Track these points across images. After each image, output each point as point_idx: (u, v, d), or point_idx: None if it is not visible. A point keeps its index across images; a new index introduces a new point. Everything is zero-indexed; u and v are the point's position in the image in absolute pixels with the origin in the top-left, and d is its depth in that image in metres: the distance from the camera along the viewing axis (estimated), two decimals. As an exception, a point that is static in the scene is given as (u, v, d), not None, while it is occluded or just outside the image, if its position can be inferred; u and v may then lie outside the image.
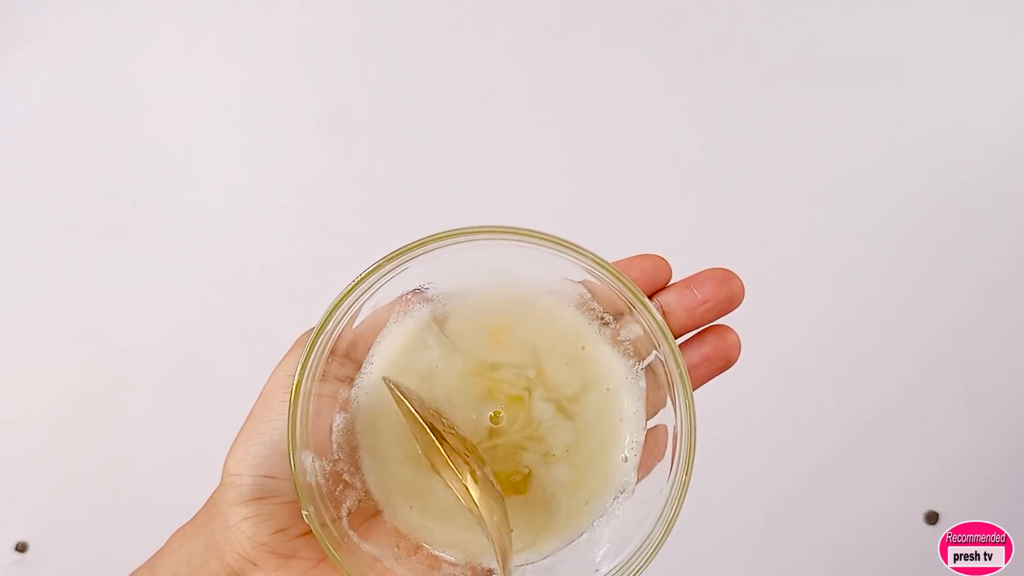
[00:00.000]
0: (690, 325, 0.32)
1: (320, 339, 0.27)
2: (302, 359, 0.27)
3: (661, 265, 0.32)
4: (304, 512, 0.26)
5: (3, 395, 0.65)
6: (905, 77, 0.67)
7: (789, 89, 0.67)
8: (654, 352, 0.30)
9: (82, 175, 0.66)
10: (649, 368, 0.31)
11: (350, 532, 0.28)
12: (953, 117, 0.67)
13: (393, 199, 0.66)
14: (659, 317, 0.28)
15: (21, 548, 0.63)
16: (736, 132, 0.67)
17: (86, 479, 0.64)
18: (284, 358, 0.30)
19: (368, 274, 0.27)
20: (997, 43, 0.67)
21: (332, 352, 0.28)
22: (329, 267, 0.65)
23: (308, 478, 0.27)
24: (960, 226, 0.66)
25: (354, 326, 0.29)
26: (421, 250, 0.27)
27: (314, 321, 0.29)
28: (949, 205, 0.66)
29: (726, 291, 0.31)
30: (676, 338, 0.30)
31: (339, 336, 0.28)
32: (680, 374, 0.27)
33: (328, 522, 0.27)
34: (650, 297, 0.31)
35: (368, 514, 0.30)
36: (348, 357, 0.30)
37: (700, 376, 0.32)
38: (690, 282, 0.32)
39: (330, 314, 0.27)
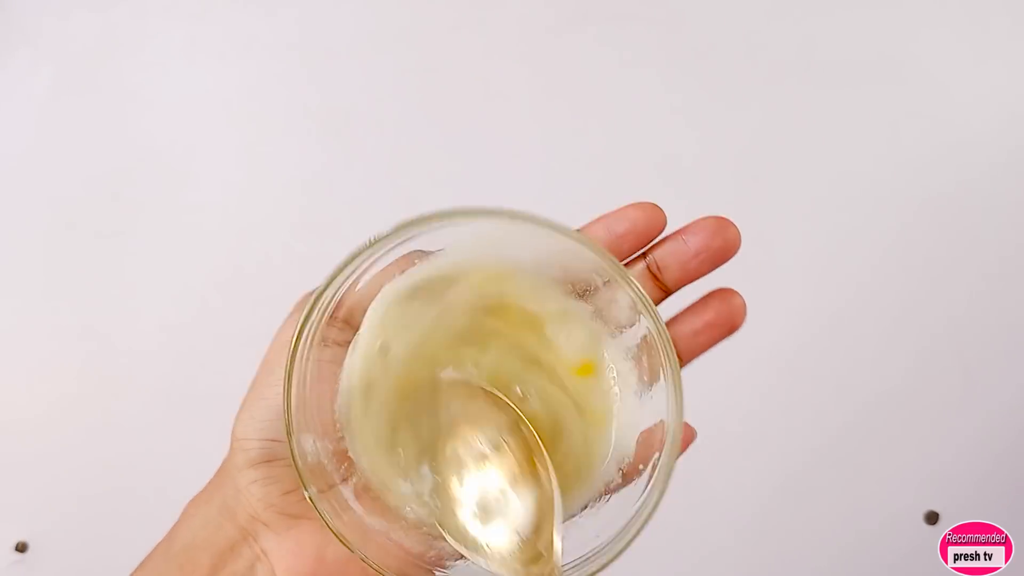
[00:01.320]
0: (685, 279, 0.30)
1: (319, 304, 0.26)
2: (297, 328, 0.26)
3: (654, 215, 0.30)
4: (305, 493, 0.26)
5: (3, 395, 0.65)
6: (905, 77, 0.67)
7: (788, 89, 0.67)
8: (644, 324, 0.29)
9: (82, 175, 0.66)
10: (644, 341, 0.30)
11: (352, 505, 0.28)
12: (953, 117, 0.67)
13: (392, 199, 0.66)
14: (640, 290, 0.27)
15: (21, 548, 0.63)
16: (735, 132, 0.67)
17: (86, 479, 0.64)
18: (285, 322, 0.31)
19: (374, 243, 0.26)
20: (997, 43, 0.67)
21: (332, 317, 0.28)
22: (328, 266, 0.65)
23: (310, 459, 0.27)
24: (959, 225, 0.66)
25: (348, 293, 0.28)
26: (434, 223, 0.26)
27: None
28: (948, 205, 0.66)
29: (720, 240, 0.30)
30: (673, 291, 0.30)
31: (339, 301, 0.28)
32: (666, 350, 0.26)
33: (332, 501, 0.27)
34: (643, 251, 0.30)
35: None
36: (348, 323, 0.29)
37: (703, 342, 0.30)
38: (682, 232, 0.30)
39: (331, 280, 0.26)
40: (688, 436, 0.29)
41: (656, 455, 0.27)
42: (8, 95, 0.67)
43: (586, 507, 0.29)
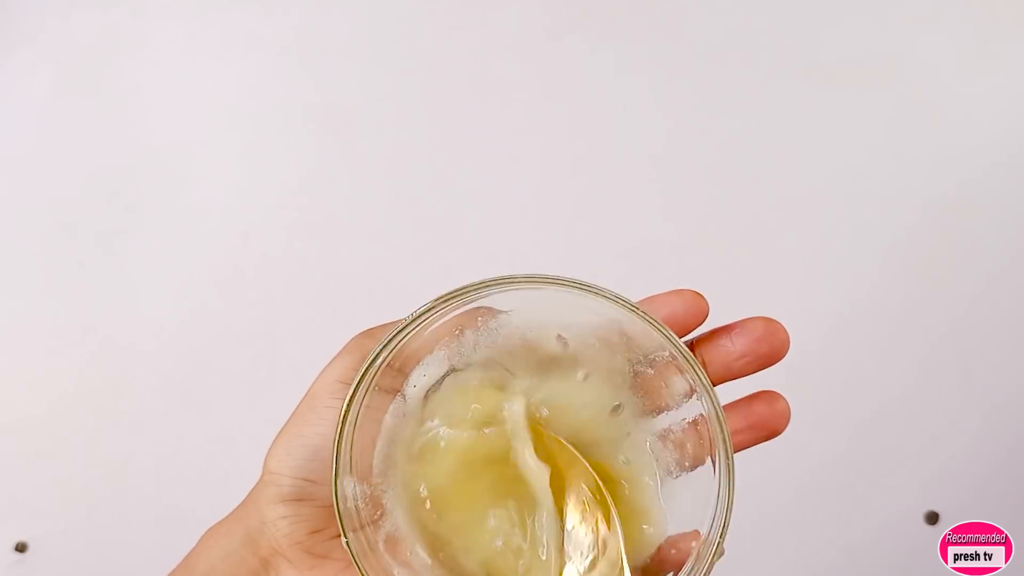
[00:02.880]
0: (727, 377, 0.29)
1: (380, 357, 0.27)
2: (355, 383, 0.27)
3: (695, 305, 0.29)
4: (344, 540, 0.27)
5: (3, 395, 0.65)
6: (905, 77, 0.67)
7: (788, 89, 0.67)
8: (695, 406, 0.29)
9: (82, 175, 0.66)
10: (691, 426, 0.29)
11: (384, 553, 0.29)
12: (953, 117, 0.67)
13: (391, 198, 0.66)
14: (704, 375, 0.27)
15: (21, 548, 0.63)
16: (735, 132, 0.67)
17: (86, 479, 0.64)
18: (334, 360, 0.30)
19: (441, 302, 0.27)
20: (997, 43, 0.67)
21: (388, 366, 0.28)
22: (328, 266, 0.65)
23: (349, 504, 0.27)
24: (960, 225, 0.66)
25: (401, 353, 0.28)
26: (497, 288, 0.27)
27: (316, 319, 0.28)
28: (949, 205, 0.66)
29: (767, 346, 0.29)
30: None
31: (397, 352, 0.28)
32: (724, 439, 0.27)
33: (367, 549, 0.28)
34: (689, 342, 0.30)
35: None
36: (401, 372, 0.29)
37: (739, 442, 0.30)
38: (729, 331, 0.29)
39: (398, 332, 0.27)
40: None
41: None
42: (8, 95, 0.67)
43: None
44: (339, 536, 0.28)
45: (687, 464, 0.29)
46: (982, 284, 0.65)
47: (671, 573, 0.28)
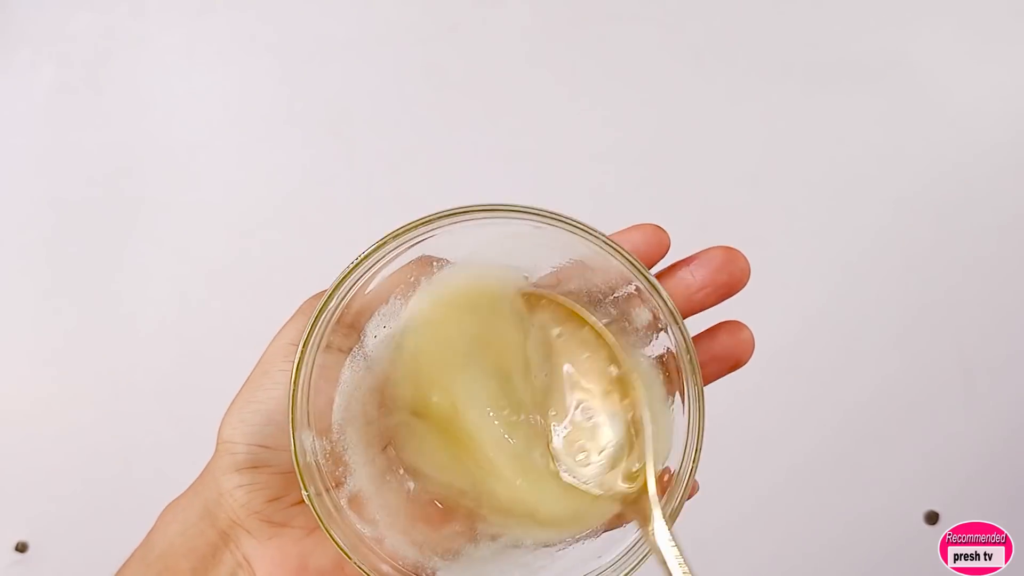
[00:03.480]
0: (689, 311, 0.29)
1: (327, 309, 0.26)
2: (306, 332, 0.26)
3: (657, 238, 0.29)
4: (304, 493, 0.26)
5: (3, 395, 0.65)
6: (905, 77, 0.67)
7: (789, 89, 0.67)
8: (662, 339, 0.28)
9: (82, 175, 0.66)
10: (660, 360, 0.29)
11: (346, 508, 0.28)
12: (953, 117, 0.67)
13: (392, 198, 0.66)
14: (670, 302, 0.26)
15: (21, 548, 0.63)
16: (736, 132, 0.67)
17: (86, 479, 0.64)
18: (286, 324, 0.29)
19: (383, 243, 0.26)
20: (997, 43, 0.67)
21: (338, 322, 0.27)
22: (328, 266, 0.65)
23: (308, 458, 0.26)
24: (961, 225, 0.66)
25: (357, 297, 0.28)
26: (445, 221, 0.26)
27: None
28: (950, 204, 0.66)
29: (726, 275, 0.29)
30: None
31: (347, 305, 0.27)
32: (693, 369, 0.26)
33: (328, 504, 0.27)
34: None
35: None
36: (353, 328, 0.28)
37: (706, 375, 0.29)
38: (688, 263, 0.29)
39: (340, 283, 0.26)
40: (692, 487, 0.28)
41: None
42: (8, 95, 0.67)
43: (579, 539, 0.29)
44: (299, 503, 0.28)
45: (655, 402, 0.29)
46: (983, 284, 0.65)
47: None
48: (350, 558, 0.26)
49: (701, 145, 0.67)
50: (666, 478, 0.27)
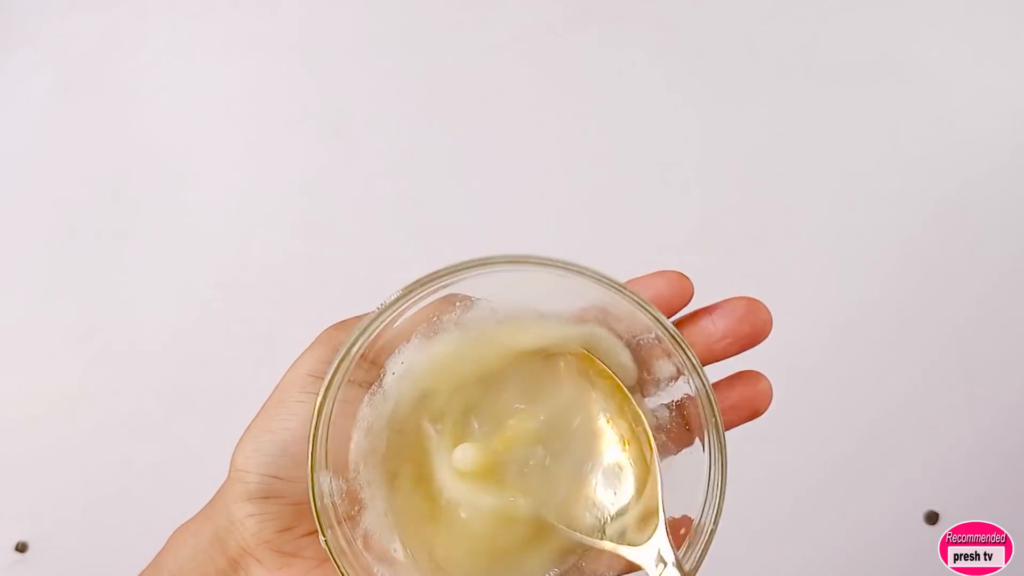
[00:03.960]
0: (709, 360, 0.29)
1: (355, 347, 0.26)
2: (328, 379, 0.26)
3: (680, 286, 0.29)
4: (322, 538, 0.26)
5: (4, 395, 0.65)
6: (905, 77, 0.67)
7: (789, 89, 0.67)
8: (681, 386, 0.28)
9: (82, 175, 0.66)
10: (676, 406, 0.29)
11: (362, 551, 0.28)
12: (954, 117, 0.67)
13: (392, 199, 0.66)
14: (691, 351, 0.26)
15: (21, 548, 0.63)
16: (736, 132, 0.67)
17: (86, 479, 0.64)
18: (304, 354, 0.29)
19: (410, 290, 0.26)
20: (997, 43, 0.67)
21: (362, 358, 0.27)
22: (328, 267, 0.65)
23: (326, 500, 0.26)
24: (961, 225, 0.66)
25: (377, 341, 0.28)
26: (471, 272, 0.26)
27: (318, 320, 0.28)
28: (950, 205, 0.66)
29: (748, 326, 0.28)
30: None
31: (371, 343, 0.27)
32: (715, 420, 0.26)
33: (346, 547, 0.27)
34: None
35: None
36: (375, 364, 0.28)
37: (723, 424, 0.29)
38: (710, 312, 0.29)
39: (364, 330, 0.26)
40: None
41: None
42: (8, 95, 0.67)
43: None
44: (310, 534, 0.28)
45: (672, 448, 0.29)
46: (983, 284, 0.65)
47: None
48: None
49: (701, 145, 0.67)
50: (683, 531, 0.27)
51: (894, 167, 0.66)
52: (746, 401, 0.29)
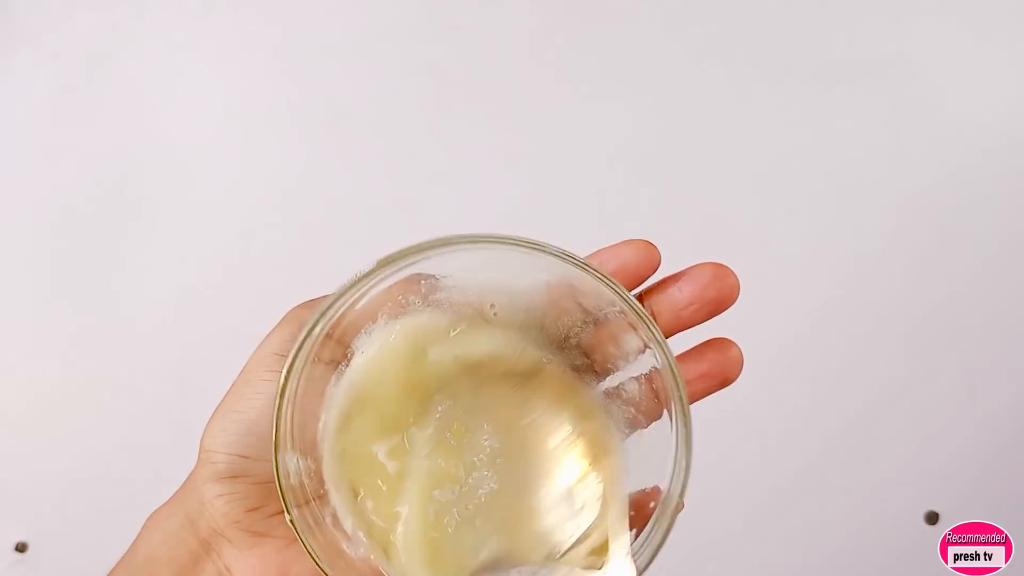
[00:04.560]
0: (677, 327, 0.28)
1: (313, 334, 0.26)
2: (291, 358, 0.26)
3: (647, 254, 0.29)
4: (287, 517, 0.26)
5: (3, 395, 0.65)
6: (905, 77, 0.67)
7: (789, 89, 0.67)
8: (648, 359, 0.28)
9: (82, 175, 0.66)
10: (644, 380, 0.29)
11: (331, 527, 0.28)
12: (954, 117, 0.67)
13: (393, 198, 0.66)
14: (654, 327, 0.26)
15: (21, 548, 0.63)
16: (736, 132, 0.67)
17: (86, 479, 0.64)
18: (271, 333, 0.29)
19: (373, 271, 0.26)
20: (998, 43, 0.67)
21: (327, 337, 0.27)
22: (329, 266, 0.65)
23: (292, 479, 0.26)
24: (962, 225, 0.66)
25: (342, 321, 0.27)
26: (436, 251, 0.26)
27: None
28: (950, 205, 0.66)
29: (714, 291, 0.28)
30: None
31: (335, 323, 0.27)
32: (679, 391, 0.26)
33: (313, 525, 0.27)
34: (637, 294, 0.29)
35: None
36: (340, 343, 0.28)
37: (693, 393, 0.29)
38: (677, 279, 0.28)
39: (327, 309, 0.26)
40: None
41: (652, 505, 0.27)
42: (8, 95, 0.67)
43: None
44: (280, 513, 0.28)
45: (642, 422, 0.28)
46: (983, 283, 0.65)
47: (634, 530, 0.27)
48: (327, 573, 0.26)
49: (702, 145, 0.67)
50: (652, 504, 0.27)
51: (894, 167, 0.66)
52: (716, 369, 0.29)
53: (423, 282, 0.28)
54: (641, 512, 0.27)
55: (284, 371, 0.26)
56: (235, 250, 0.66)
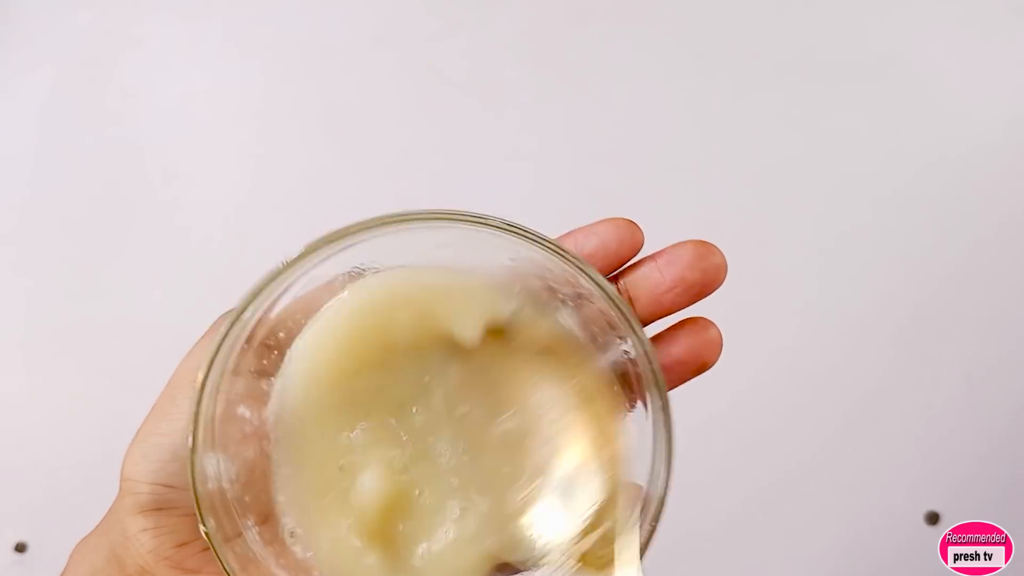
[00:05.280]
0: (658, 313, 0.25)
1: (234, 329, 0.23)
2: (211, 352, 0.23)
3: (628, 233, 0.26)
4: (202, 527, 0.23)
5: (3, 395, 0.65)
6: (905, 77, 0.67)
7: (789, 89, 0.67)
8: (620, 348, 0.25)
9: (81, 175, 0.66)
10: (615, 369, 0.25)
11: (261, 547, 0.25)
12: (954, 117, 0.67)
13: (392, 199, 0.66)
14: (627, 311, 0.23)
15: (21, 548, 0.63)
16: (736, 132, 0.67)
17: (86, 479, 0.64)
18: (195, 345, 0.27)
19: (302, 256, 0.23)
20: (998, 42, 0.67)
21: (248, 340, 0.24)
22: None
23: (211, 484, 0.23)
24: (961, 225, 0.66)
25: (275, 311, 0.25)
26: (363, 234, 0.23)
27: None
28: (950, 204, 0.66)
29: (698, 272, 0.25)
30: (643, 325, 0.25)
31: (258, 322, 0.24)
32: (656, 381, 0.23)
33: (233, 537, 0.24)
34: (614, 275, 0.26)
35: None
36: (267, 347, 0.25)
37: (671, 380, 0.26)
38: (658, 257, 0.26)
39: (249, 302, 0.23)
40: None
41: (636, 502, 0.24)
42: (8, 95, 0.67)
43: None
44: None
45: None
46: (984, 283, 0.65)
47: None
48: None
49: (701, 144, 0.67)
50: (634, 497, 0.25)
51: (894, 167, 0.66)
52: (693, 353, 0.25)
53: (368, 274, 0.26)
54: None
55: (207, 361, 0.23)
56: (235, 250, 0.66)
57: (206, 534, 0.23)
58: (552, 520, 0.25)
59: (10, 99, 0.67)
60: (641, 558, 0.24)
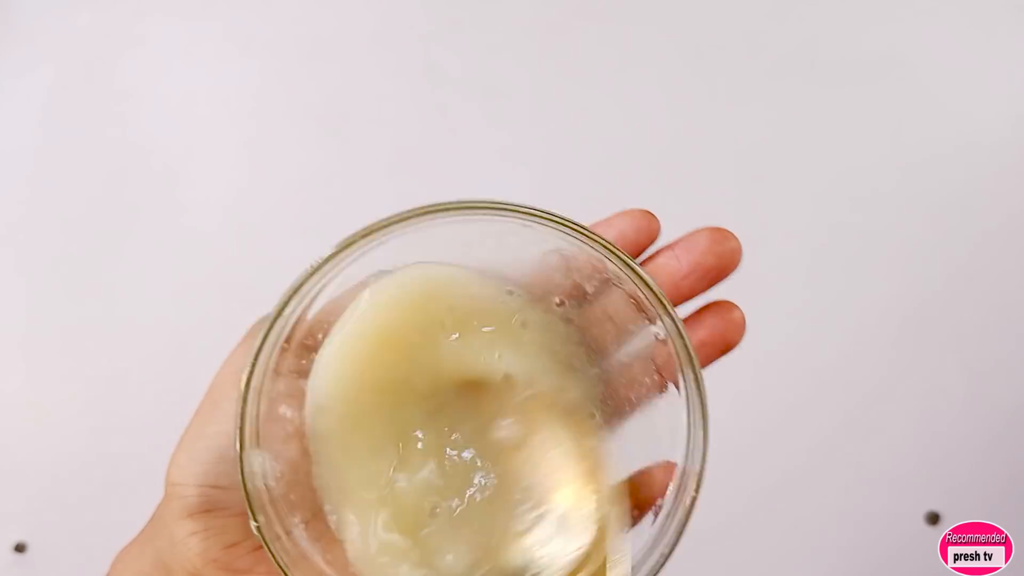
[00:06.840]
0: (676, 300, 0.26)
1: (274, 329, 0.24)
2: (254, 352, 0.24)
3: (645, 224, 0.27)
4: (253, 523, 0.23)
5: (2, 395, 0.65)
6: (905, 77, 0.67)
7: (789, 88, 0.67)
8: (652, 330, 0.25)
9: (81, 174, 0.66)
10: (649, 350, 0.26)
11: (308, 544, 0.25)
12: (954, 117, 0.67)
13: (392, 198, 0.66)
14: (657, 287, 0.23)
15: (21, 548, 0.63)
16: (736, 131, 0.67)
17: (86, 479, 0.64)
18: (235, 350, 0.27)
19: (331, 256, 0.24)
20: (998, 42, 0.67)
21: (288, 341, 0.25)
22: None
23: (258, 482, 0.24)
24: (961, 225, 0.66)
25: (312, 311, 0.25)
26: (387, 230, 0.24)
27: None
28: (950, 204, 0.66)
29: (714, 257, 0.26)
30: None
31: (296, 323, 0.25)
32: (690, 359, 0.23)
33: (282, 534, 0.24)
34: None
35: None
36: (306, 347, 0.26)
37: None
38: (675, 246, 0.27)
39: (286, 302, 0.24)
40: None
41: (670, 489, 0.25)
42: (8, 95, 0.67)
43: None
44: (261, 547, 0.25)
45: (647, 398, 0.26)
46: (985, 283, 0.65)
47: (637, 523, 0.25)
48: None
49: (702, 144, 0.67)
50: (667, 479, 0.25)
51: (894, 167, 0.66)
52: (718, 335, 0.26)
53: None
54: (646, 499, 0.25)
55: (250, 361, 0.23)
56: (235, 251, 0.66)
57: (257, 529, 0.23)
58: (546, 551, 0.25)
59: (10, 99, 0.67)
60: (681, 534, 0.25)
